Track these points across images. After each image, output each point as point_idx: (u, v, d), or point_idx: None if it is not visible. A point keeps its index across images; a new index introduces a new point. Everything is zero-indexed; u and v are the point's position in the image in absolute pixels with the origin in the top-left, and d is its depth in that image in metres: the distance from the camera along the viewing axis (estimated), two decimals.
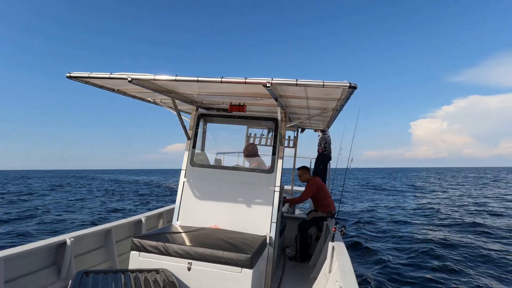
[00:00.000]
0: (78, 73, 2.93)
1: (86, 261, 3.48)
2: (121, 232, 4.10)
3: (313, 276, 4.28)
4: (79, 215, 15.12)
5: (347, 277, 2.61)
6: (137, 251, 3.08)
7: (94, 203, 20.27)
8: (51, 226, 12.25)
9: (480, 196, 23.44)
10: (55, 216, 14.60)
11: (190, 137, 4.26)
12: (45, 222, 13.05)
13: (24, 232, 10.87)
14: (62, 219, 13.85)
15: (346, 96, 2.96)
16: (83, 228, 4.49)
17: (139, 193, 27.80)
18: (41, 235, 10.47)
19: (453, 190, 29.80)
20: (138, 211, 15.66)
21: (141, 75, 2.77)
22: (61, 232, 8.90)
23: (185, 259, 2.96)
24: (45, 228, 11.87)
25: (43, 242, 3.05)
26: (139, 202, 20.63)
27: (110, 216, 14.59)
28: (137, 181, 48.91)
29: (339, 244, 3.68)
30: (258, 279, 3.12)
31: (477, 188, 31.57)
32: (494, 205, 17.66)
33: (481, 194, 25.10)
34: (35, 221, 13.41)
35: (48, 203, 19.98)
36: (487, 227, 11.55)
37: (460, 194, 24.93)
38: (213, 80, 2.68)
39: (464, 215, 14.50)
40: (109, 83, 3.29)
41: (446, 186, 35.71)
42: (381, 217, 14.03)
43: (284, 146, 4.16)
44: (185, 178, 4.15)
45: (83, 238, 3.47)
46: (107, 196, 25.41)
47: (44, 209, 16.87)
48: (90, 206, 18.36)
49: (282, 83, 2.57)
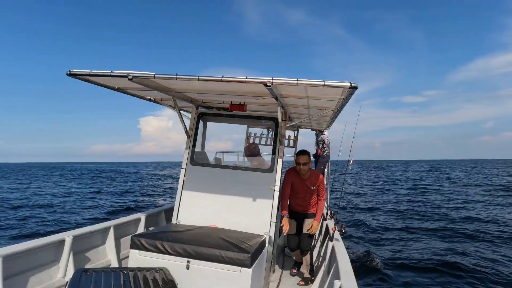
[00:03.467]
0: (78, 71, 2.92)
1: (85, 259, 3.48)
2: (121, 230, 4.10)
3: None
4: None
5: (347, 276, 2.62)
6: (137, 250, 3.08)
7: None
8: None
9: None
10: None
11: (190, 136, 4.27)
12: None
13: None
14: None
15: (346, 96, 2.96)
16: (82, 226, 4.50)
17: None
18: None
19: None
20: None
21: (141, 73, 2.76)
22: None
23: (184, 258, 2.96)
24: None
25: (42, 240, 3.05)
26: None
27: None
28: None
29: (339, 244, 3.68)
30: (257, 278, 3.12)
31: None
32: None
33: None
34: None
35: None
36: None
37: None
38: (214, 79, 2.68)
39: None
40: (109, 81, 3.29)
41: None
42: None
43: (284, 145, 4.16)
44: (185, 176, 4.15)
45: (82, 236, 3.47)
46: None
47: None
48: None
49: (282, 83, 2.57)
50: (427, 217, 13.56)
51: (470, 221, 12.64)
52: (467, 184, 28.26)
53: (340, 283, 2.51)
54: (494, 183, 29.04)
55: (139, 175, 50.66)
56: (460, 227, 11.56)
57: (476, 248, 8.92)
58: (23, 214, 14.47)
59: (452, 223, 12.33)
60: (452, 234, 10.65)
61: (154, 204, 17.13)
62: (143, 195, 22.23)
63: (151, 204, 17.07)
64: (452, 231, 10.98)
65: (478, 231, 10.75)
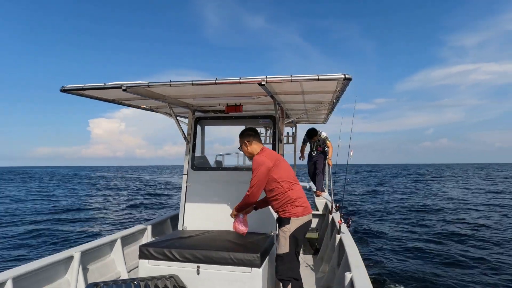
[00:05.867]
0: (72, 86, 2.92)
1: (95, 273, 3.47)
2: (128, 241, 4.09)
3: (322, 270, 4.28)
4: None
5: (357, 268, 2.62)
6: (146, 259, 3.07)
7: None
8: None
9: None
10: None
11: (189, 142, 4.26)
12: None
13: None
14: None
15: (342, 88, 2.96)
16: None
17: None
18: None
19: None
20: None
21: (135, 83, 2.76)
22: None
23: (194, 263, 2.95)
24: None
25: (51, 258, 3.04)
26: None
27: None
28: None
29: (346, 236, 3.68)
30: (268, 277, 3.12)
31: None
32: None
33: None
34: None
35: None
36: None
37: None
38: (208, 82, 2.68)
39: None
40: (104, 94, 3.28)
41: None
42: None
43: (284, 142, 4.16)
44: (187, 182, 4.15)
45: (90, 251, 3.46)
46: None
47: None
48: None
49: (276, 80, 2.57)
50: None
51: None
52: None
53: (351, 275, 2.51)
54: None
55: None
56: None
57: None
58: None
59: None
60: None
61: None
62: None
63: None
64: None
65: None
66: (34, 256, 7.99)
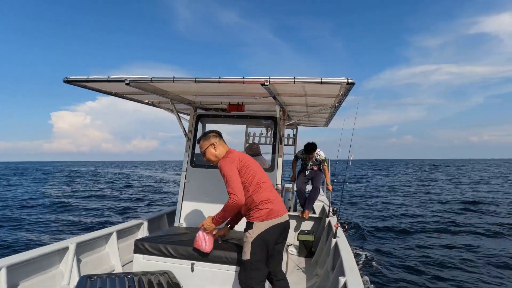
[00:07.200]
0: (75, 77, 2.92)
1: (89, 266, 3.48)
2: (124, 235, 4.09)
3: (317, 273, 4.28)
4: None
5: (351, 273, 2.61)
6: (140, 254, 3.07)
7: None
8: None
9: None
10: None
11: (189, 138, 4.26)
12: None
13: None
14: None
15: (344, 92, 2.96)
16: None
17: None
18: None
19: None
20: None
21: (138, 77, 2.76)
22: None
23: (189, 260, 2.95)
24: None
25: (46, 248, 3.04)
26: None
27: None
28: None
29: (342, 240, 3.67)
30: None
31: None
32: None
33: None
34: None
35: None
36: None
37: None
38: (211, 80, 2.69)
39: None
40: (106, 87, 3.28)
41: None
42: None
43: (284, 144, 4.16)
44: (186, 179, 4.15)
45: (85, 243, 3.46)
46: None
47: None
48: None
49: (279, 81, 2.57)
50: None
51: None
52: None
53: (345, 279, 2.51)
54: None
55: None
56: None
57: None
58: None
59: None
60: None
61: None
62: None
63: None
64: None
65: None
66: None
